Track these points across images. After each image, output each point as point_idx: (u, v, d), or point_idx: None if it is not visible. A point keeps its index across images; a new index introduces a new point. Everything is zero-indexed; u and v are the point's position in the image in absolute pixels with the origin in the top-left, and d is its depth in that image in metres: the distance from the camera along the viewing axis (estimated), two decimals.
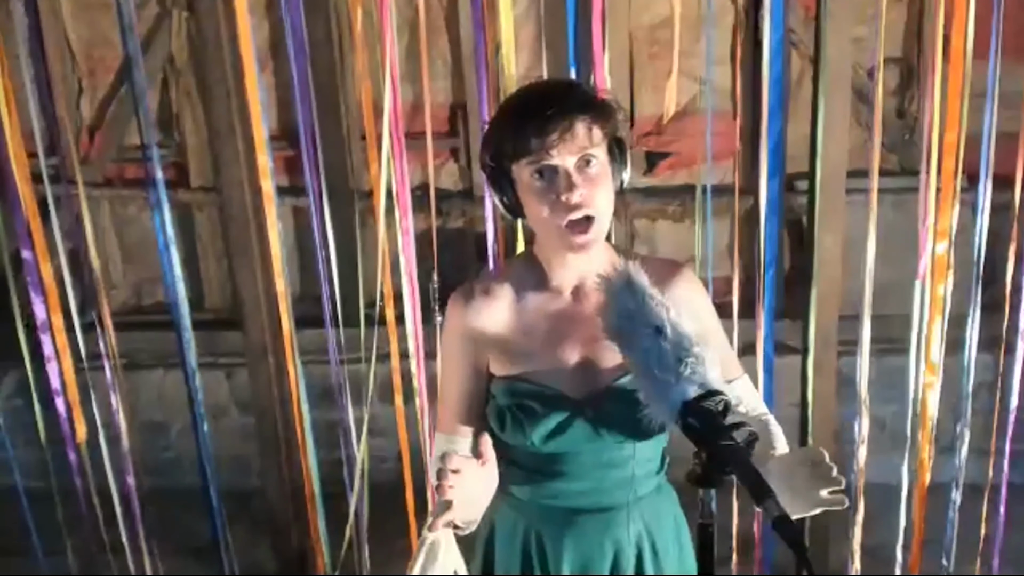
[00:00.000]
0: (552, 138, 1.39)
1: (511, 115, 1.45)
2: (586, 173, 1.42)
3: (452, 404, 1.59)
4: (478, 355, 1.56)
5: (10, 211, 2.75)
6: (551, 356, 1.52)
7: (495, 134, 1.47)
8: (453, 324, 1.57)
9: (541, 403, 1.49)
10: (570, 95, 1.43)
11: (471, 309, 1.54)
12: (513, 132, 1.42)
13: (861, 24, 2.76)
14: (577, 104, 1.41)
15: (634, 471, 1.55)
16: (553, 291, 1.54)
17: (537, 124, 1.39)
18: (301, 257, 3.84)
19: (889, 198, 3.26)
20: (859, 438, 2.74)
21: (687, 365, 1.22)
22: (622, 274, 1.31)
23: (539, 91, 1.50)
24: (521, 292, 1.54)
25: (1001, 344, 2.73)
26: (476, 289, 1.56)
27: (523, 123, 1.41)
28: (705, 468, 1.18)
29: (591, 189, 1.41)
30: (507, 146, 1.43)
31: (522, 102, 1.46)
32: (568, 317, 1.52)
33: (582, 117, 1.40)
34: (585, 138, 1.40)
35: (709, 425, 1.18)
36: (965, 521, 2.78)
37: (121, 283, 4.02)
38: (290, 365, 2.90)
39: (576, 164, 1.41)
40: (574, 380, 1.51)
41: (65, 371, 2.84)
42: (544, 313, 1.53)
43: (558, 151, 1.39)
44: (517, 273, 1.57)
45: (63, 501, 2.95)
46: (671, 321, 1.25)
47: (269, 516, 3.20)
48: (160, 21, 3.63)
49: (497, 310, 1.54)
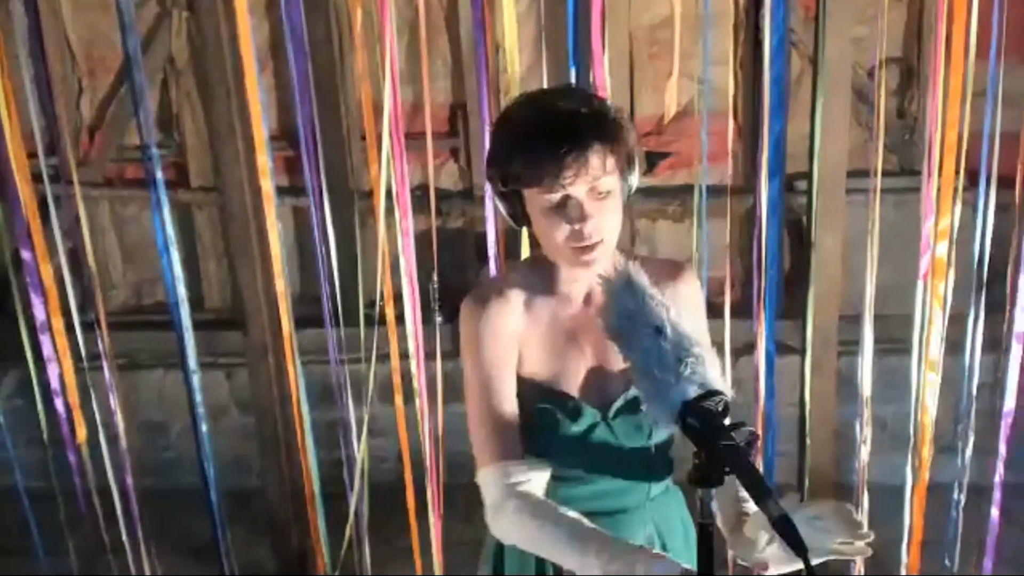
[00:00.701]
0: (567, 173, 1.36)
1: (522, 142, 1.39)
2: (598, 200, 1.40)
3: (509, 421, 1.49)
4: (516, 360, 1.50)
5: (10, 211, 2.75)
6: (567, 363, 1.51)
7: (504, 156, 1.42)
8: (492, 329, 1.48)
9: (559, 410, 1.48)
10: (584, 122, 1.38)
11: (501, 311, 1.49)
12: (524, 162, 1.38)
13: (861, 24, 2.76)
14: (591, 133, 1.37)
15: (648, 474, 1.55)
16: (563, 297, 1.52)
17: (551, 159, 1.36)
18: (301, 257, 3.83)
19: (890, 198, 3.26)
20: (860, 438, 2.75)
21: (687, 365, 1.22)
22: (622, 274, 1.31)
23: (552, 116, 1.40)
24: (531, 297, 1.51)
25: (1001, 344, 2.73)
26: (491, 293, 1.51)
27: (536, 156, 1.37)
28: (705, 468, 1.18)
29: (602, 216, 1.40)
30: (518, 173, 1.40)
31: (534, 129, 1.39)
32: (581, 324, 1.50)
33: (597, 147, 1.37)
34: (599, 168, 1.38)
35: (709, 425, 1.18)
36: (966, 521, 2.78)
37: (121, 283, 4.02)
38: (290, 365, 2.89)
39: (588, 192, 1.39)
40: (590, 387, 1.50)
41: (65, 371, 2.84)
42: (557, 319, 1.51)
43: (572, 184, 1.37)
44: (525, 278, 1.54)
45: (63, 501, 2.95)
46: (671, 321, 1.25)
47: (269, 516, 3.20)
48: (160, 21, 3.62)
49: (514, 315, 1.50)
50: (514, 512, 1.43)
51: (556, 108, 1.40)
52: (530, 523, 1.41)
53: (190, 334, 2.85)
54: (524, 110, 1.44)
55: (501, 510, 1.45)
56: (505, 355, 1.49)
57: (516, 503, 1.43)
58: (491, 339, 1.49)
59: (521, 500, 1.43)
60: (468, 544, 3.40)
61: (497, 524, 1.47)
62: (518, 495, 1.44)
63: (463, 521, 3.53)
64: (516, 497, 1.44)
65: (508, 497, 1.44)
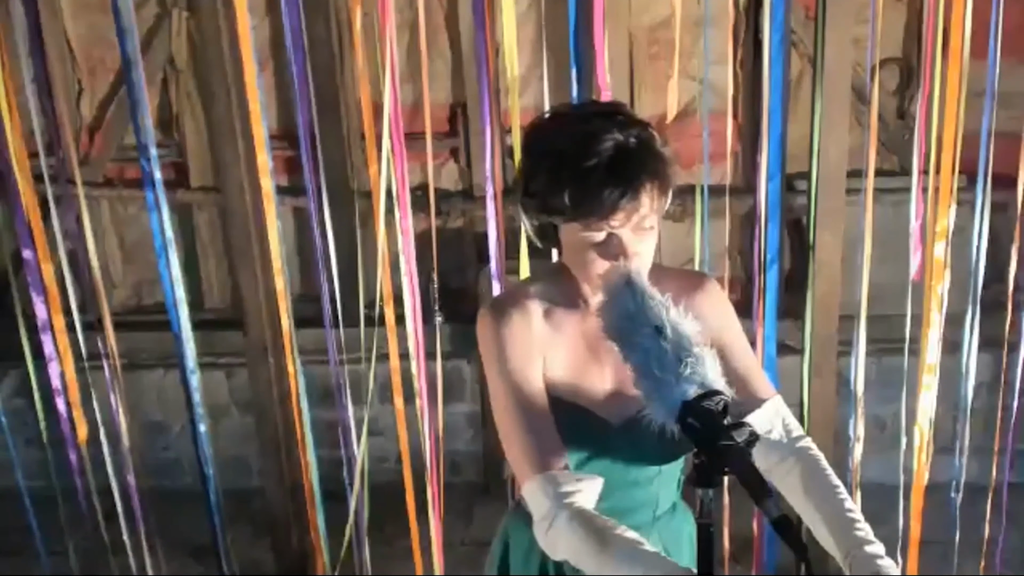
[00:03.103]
0: (619, 215, 1.32)
1: (570, 178, 1.31)
2: (640, 234, 1.36)
3: (545, 426, 1.42)
4: (541, 365, 1.45)
5: (11, 211, 2.75)
6: (587, 377, 1.48)
7: (547, 188, 1.35)
8: (513, 333, 1.43)
9: (577, 426, 1.45)
10: (637, 160, 1.32)
11: (523, 317, 1.44)
12: (573, 201, 1.32)
13: (861, 24, 2.76)
14: (645, 173, 1.32)
15: (658, 491, 1.54)
16: (584, 311, 1.47)
17: (604, 201, 1.30)
18: (301, 257, 3.84)
19: (889, 198, 3.26)
20: (855, 436, 2.75)
21: (687, 365, 1.22)
22: (622, 274, 1.31)
23: (603, 152, 1.31)
24: (551, 309, 1.47)
25: (1000, 344, 2.73)
26: (509, 302, 1.47)
27: (587, 196, 1.30)
28: (705, 468, 1.18)
29: (641, 248, 1.36)
30: (562, 209, 1.33)
31: (585, 167, 1.30)
32: (601, 338, 1.41)
33: (648, 187, 1.32)
34: (648, 207, 1.34)
35: (709, 425, 1.18)
36: (965, 521, 2.78)
37: (121, 283, 4.02)
38: (290, 365, 2.90)
39: (632, 228, 1.35)
40: (609, 403, 1.47)
41: (66, 371, 2.84)
42: (577, 333, 1.48)
43: (620, 222, 1.33)
44: (544, 291, 1.49)
45: (64, 501, 2.95)
46: (671, 321, 1.25)
47: (269, 516, 3.20)
48: (160, 21, 3.62)
49: (536, 323, 1.46)
50: (567, 525, 1.33)
51: (603, 141, 1.31)
52: (584, 538, 1.30)
53: (189, 335, 2.85)
54: (567, 139, 1.35)
55: (552, 523, 1.34)
56: (530, 356, 1.44)
57: (569, 514, 1.33)
58: (513, 342, 1.43)
59: (574, 512, 1.33)
60: (468, 544, 3.42)
61: (547, 537, 1.36)
62: (570, 507, 1.34)
63: (463, 521, 3.55)
64: (568, 509, 1.34)
65: (560, 508, 1.34)
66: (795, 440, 1.49)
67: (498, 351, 1.44)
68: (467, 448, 3.77)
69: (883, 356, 3.22)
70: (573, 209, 1.33)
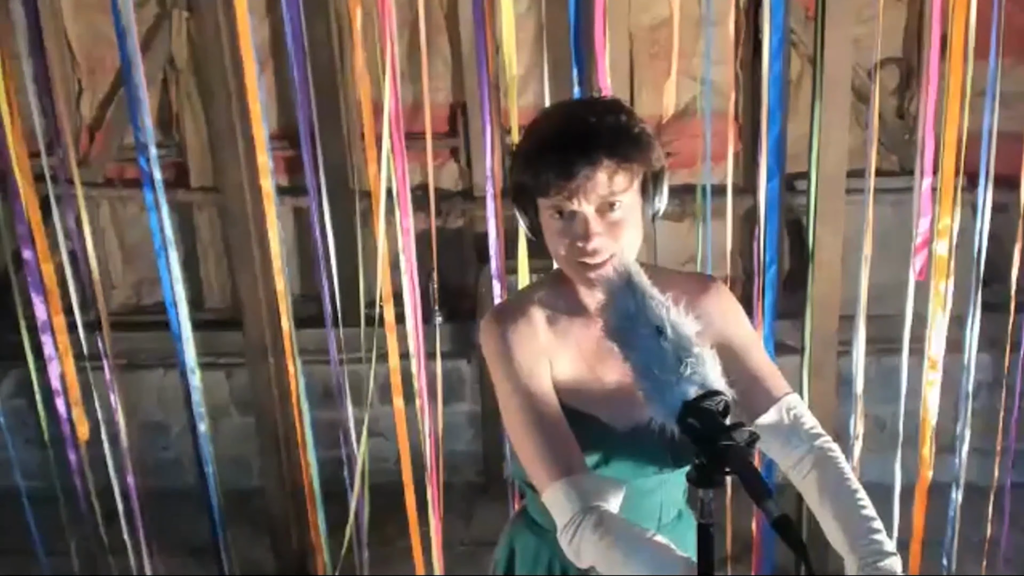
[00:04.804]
0: (572, 185, 1.32)
1: (534, 150, 1.36)
2: (608, 218, 1.35)
3: (560, 428, 1.39)
4: (548, 368, 1.43)
5: (11, 211, 2.75)
6: (591, 383, 1.47)
7: (519, 164, 1.39)
8: (518, 335, 1.43)
9: (582, 432, 1.42)
10: (597, 136, 1.32)
11: (528, 322, 1.44)
12: (534, 171, 1.35)
13: (861, 24, 2.76)
14: (604, 148, 1.32)
15: (663, 499, 1.54)
16: (588, 317, 1.45)
17: (557, 169, 1.31)
18: (301, 257, 3.84)
19: (889, 198, 3.26)
20: (854, 436, 2.75)
21: (687, 365, 1.21)
22: (622, 274, 1.31)
23: (565, 125, 1.36)
24: (554, 315, 1.46)
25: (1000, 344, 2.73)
26: (512, 308, 1.46)
27: (544, 164, 1.33)
28: (705, 468, 1.18)
29: (610, 234, 1.35)
30: (528, 182, 1.37)
31: (546, 137, 1.35)
32: (606, 345, 1.38)
33: (606, 164, 1.32)
34: (606, 186, 1.33)
35: (709, 425, 1.18)
36: (966, 521, 2.78)
37: (121, 283, 4.02)
38: (290, 365, 2.90)
39: (597, 209, 1.34)
40: (613, 410, 1.46)
41: (66, 371, 2.84)
42: (581, 338, 1.46)
43: (578, 199, 1.33)
44: (546, 297, 1.48)
45: (63, 501, 2.95)
46: (671, 321, 1.25)
47: (269, 516, 3.20)
48: (160, 21, 3.62)
49: (540, 330, 1.45)
50: (593, 530, 1.28)
51: (574, 120, 1.35)
52: (612, 544, 1.26)
53: (188, 335, 2.85)
54: (547, 120, 1.40)
55: (578, 529, 1.30)
56: (538, 362, 1.43)
57: (595, 519, 1.29)
58: (521, 348, 1.42)
59: (600, 517, 1.29)
60: (468, 544, 3.42)
61: (572, 544, 1.31)
62: (595, 511, 1.30)
63: (463, 521, 3.55)
64: (593, 513, 1.30)
65: (584, 513, 1.30)
66: (813, 439, 1.46)
67: (506, 359, 1.42)
68: (467, 448, 3.77)
69: (883, 356, 3.21)
70: (532, 179, 1.35)
